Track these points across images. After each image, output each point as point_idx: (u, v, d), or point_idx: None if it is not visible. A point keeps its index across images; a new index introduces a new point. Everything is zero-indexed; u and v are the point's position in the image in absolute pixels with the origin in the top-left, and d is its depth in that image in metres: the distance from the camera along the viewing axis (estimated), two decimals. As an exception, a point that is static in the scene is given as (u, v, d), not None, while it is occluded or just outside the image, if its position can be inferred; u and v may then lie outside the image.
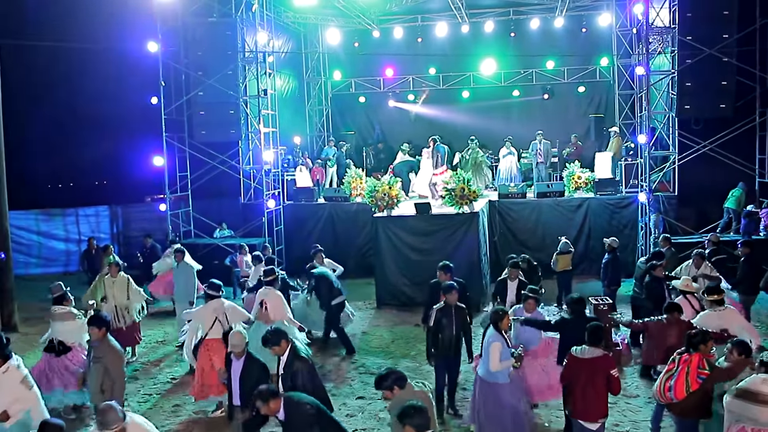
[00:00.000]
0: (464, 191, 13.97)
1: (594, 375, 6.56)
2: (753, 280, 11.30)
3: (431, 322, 8.37)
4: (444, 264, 9.78)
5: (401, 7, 20.26)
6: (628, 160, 16.66)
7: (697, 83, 14.45)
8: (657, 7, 15.64)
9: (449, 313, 8.25)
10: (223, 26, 16.65)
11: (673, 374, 6.66)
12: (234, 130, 16.87)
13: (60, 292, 9.27)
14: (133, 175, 20.55)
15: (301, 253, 16.77)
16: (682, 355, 6.69)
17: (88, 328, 7.50)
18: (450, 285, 8.40)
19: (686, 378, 6.51)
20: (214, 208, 18.51)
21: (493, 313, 7.35)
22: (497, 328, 7.17)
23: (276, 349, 6.64)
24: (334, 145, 21.02)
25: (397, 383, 5.83)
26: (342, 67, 23.27)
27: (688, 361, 6.59)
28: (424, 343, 11.47)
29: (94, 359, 7.32)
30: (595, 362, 6.59)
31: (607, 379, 6.54)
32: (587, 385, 6.56)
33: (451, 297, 8.24)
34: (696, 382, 6.47)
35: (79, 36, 20.01)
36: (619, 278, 12.50)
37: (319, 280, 11.50)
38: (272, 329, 6.83)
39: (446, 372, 8.57)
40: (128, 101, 20.34)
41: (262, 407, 5.65)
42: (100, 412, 5.28)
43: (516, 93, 22.06)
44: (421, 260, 13.89)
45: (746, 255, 11.53)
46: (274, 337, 6.69)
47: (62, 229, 19.71)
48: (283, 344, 6.65)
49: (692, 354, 6.59)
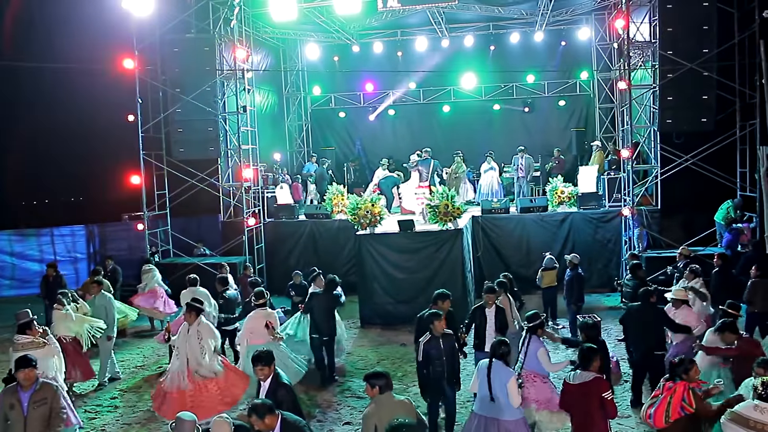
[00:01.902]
0: (448, 207, 13.84)
1: (587, 400, 6.41)
2: (725, 293, 11.17)
3: (419, 356, 8.01)
4: (441, 293, 9.16)
5: (381, 21, 20.18)
6: (611, 174, 16.63)
7: (678, 97, 14.46)
8: (637, 22, 15.70)
9: (437, 344, 7.89)
10: (200, 42, 16.42)
11: (654, 402, 6.46)
12: (213, 147, 16.62)
13: (26, 319, 8.51)
14: (109, 194, 20.21)
15: (282, 271, 16.61)
16: (666, 382, 6.49)
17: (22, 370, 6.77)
18: (433, 313, 8.06)
19: (667, 407, 6.30)
20: (193, 226, 18.22)
21: (498, 345, 6.96)
22: (505, 360, 6.89)
23: (265, 370, 6.45)
24: (315, 162, 20.84)
25: (386, 388, 5.98)
26: (321, 83, 23.16)
27: (672, 389, 6.36)
28: (410, 363, 11.41)
29: (36, 403, 6.73)
30: (587, 386, 6.44)
31: (600, 402, 6.37)
32: (583, 411, 6.41)
33: (437, 325, 7.88)
34: (677, 413, 6.26)
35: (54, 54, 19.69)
36: (583, 294, 12.36)
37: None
38: (266, 350, 6.67)
39: (440, 406, 8.30)
40: (104, 119, 19.99)
41: (256, 423, 5.46)
42: None
43: (497, 107, 22.06)
44: (405, 278, 13.81)
45: (719, 266, 11.51)
46: (267, 358, 6.52)
47: (37, 250, 19.20)
48: (272, 368, 6.49)
49: (677, 383, 6.39)
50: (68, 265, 18.90)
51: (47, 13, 21.10)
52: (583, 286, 12.36)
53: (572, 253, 15.76)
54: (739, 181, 15.20)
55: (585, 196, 16.40)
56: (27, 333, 8.39)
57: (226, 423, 5.59)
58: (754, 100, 14.09)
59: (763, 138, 13.12)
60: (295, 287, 13.00)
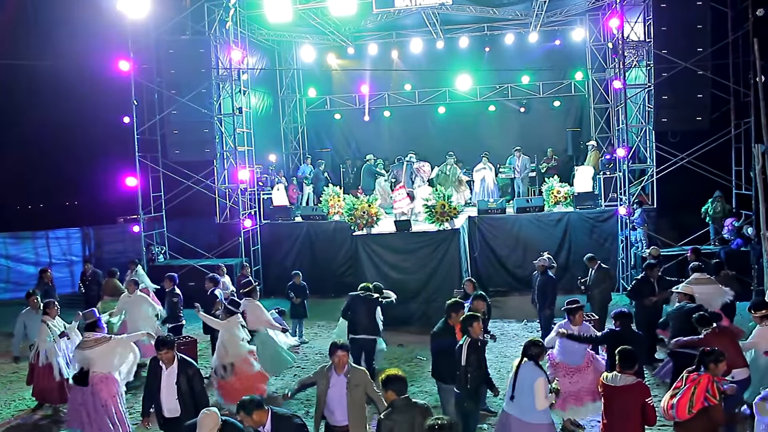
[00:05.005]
0: (444, 208, 13.85)
1: (629, 404, 6.22)
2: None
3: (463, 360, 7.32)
4: (454, 302, 8.45)
5: (376, 23, 20.18)
6: (607, 174, 16.67)
7: (673, 96, 14.52)
8: (632, 21, 15.76)
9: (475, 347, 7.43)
10: (196, 44, 16.41)
11: (678, 392, 6.42)
12: (209, 149, 16.60)
13: (92, 319, 8.79)
14: (105, 196, 20.18)
15: (278, 272, 16.61)
16: (690, 373, 6.45)
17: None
18: (472, 315, 7.57)
19: (691, 397, 6.26)
20: (189, 228, 18.16)
21: (531, 345, 6.78)
22: (536, 361, 6.72)
23: (251, 419, 5.62)
24: (311, 163, 20.83)
25: (402, 391, 5.92)
26: (317, 84, 23.14)
27: (696, 380, 6.34)
28: (408, 363, 11.44)
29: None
30: (629, 390, 6.24)
31: (642, 408, 6.19)
32: (621, 416, 6.25)
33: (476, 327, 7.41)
34: (701, 403, 6.22)
35: (49, 55, 19.68)
36: (556, 298, 11.74)
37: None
38: (249, 398, 5.78)
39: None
40: (100, 121, 19.97)
41: (245, 419, 5.46)
42: None
43: (492, 108, 22.08)
44: (402, 278, 13.75)
45: (693, 262, 11.47)
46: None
47: (32, 253, 19.14)
48: (262, 415, 5.68)
49: (701, 374, 6.35)
50: (64, 268, 18.91)
51: (42, 14, 21.08)
52: (557, 291, 11.78)
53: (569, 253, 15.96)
54: (734, 179, 15.27)
55: (581, 195, 16.43)
56: (95, 330, 8.67)
57: (214, 415, 5.50)
58: (748, 99, 14.14)
59: (758, 136, 13.15)
60: (294, 288, 12.97)
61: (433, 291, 13.68)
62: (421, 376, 10.73)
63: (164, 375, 7.02)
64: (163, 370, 7.04)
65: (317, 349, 12.61)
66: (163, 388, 6.99)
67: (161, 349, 6.99)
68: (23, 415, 10.12)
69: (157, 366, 7.10)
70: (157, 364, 7.09)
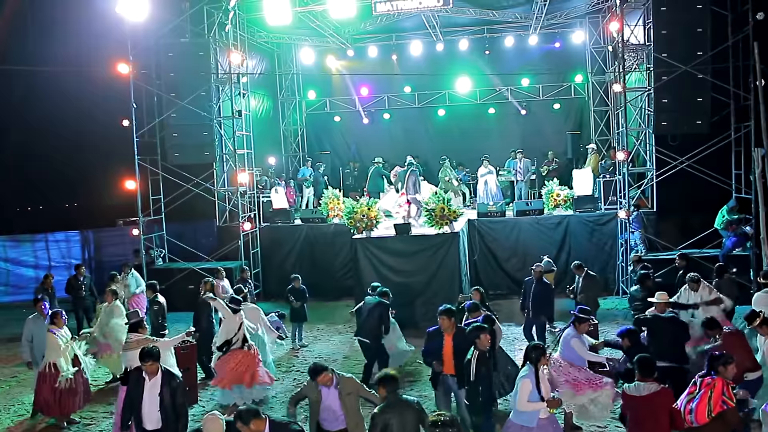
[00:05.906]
0: (444, 211, 13.84)
1: (657, 412, 6.18)
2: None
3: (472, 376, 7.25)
4: (446, 308, 8.22)
5: (375, 26, 20.17)
6: (607, 177, 16.65)
7: (673, 100, 14.49)
8: (632, 24, 15.74)
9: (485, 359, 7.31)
10: (195, 47, 16.39)
11: (694, 397, 6.37)
12: (208, 152, 16.59)
13: (136, 319, 9.04)
14: (104, 199, 20.17)
15: (278, 275, 16.59)
16: (704, 378, 6.41)
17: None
18: (478, 326, 7.40)
19: (709, 401, 6.23)
20: (189, 231, 18.15)
21: (532, 349, 6.75)
22: (534, 365, 6.63)
23: (249, 429, 5.44)
24: (310, 166, 20.81)
25: (395, 389, 6.16)
26: (316, 87, 23.11)
27: (710, 384, 6.30)
28: (407, 366, 11.37)
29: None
30: (654, 398, 6.20)
31: (670, 415, 6.18)
32: (652, 424, 6.21)
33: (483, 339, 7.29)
34: (719, 406, 6.18)
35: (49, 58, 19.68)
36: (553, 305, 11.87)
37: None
38: (246, 408, 5.64)
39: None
40: (99, 124, 19.97)
41: (243, 429, 5.41)
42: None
43: (491, 111, 22.05)
44: (402, 281, 13.71)
45: (683, 268, 11.55)
46: (246, 416, 5.58)
47: (31, 256, 19.13)
48: (259, 424, 5.52)
49: (715, 378, 6.32)
50: (63, 271, 18.80)
51: (41, 17, 21.09)
52: (553, 298, 11.82)
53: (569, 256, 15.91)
54: (734, 183, 15.22)
55: (581, 198, 16.42)
56: (139, 331, 8.84)
57: (218, 419, 5.54)
58: (748, 102, 14.09)
59: (758, 140, 13.14)
60: (293, 291, 12.93)
61: (432, 294, 13.64)
62: (420, 380, 10.68)
63: (147, 386, 6.91)
64: (146, 381, 6.93)
65: (317, 353, 12.58)
66: (145, 399, 6.89)
67: (146, 361, 6.90)
68: (25, 422, 10.03)
69: (140, 377, 6.99)
70: (140, 374, 6.99)
